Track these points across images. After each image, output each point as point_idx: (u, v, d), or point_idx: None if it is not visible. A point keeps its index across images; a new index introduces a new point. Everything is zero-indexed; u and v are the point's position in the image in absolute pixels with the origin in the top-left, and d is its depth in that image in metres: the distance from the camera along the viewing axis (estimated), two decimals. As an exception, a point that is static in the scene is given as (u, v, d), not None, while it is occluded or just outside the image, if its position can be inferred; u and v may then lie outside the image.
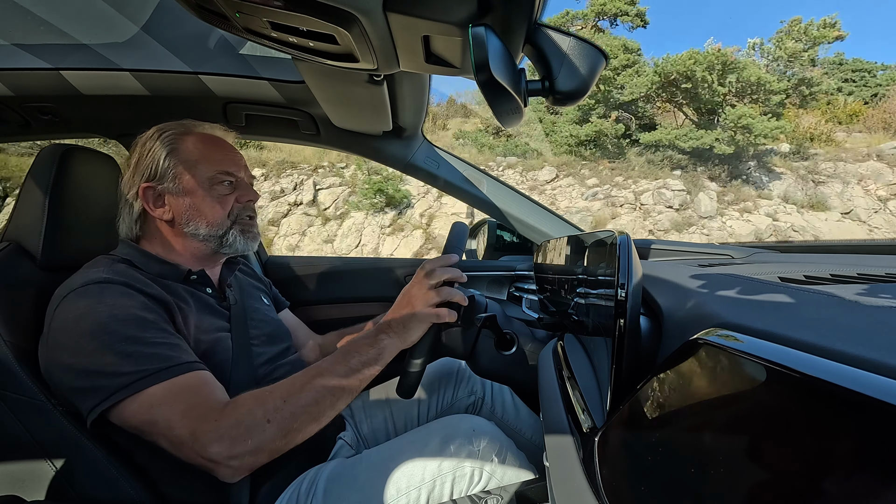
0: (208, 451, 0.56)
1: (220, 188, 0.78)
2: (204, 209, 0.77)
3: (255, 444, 0.57)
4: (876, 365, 0.22)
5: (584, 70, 0.42)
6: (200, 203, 0.77)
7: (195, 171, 0.76)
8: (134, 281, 0.67)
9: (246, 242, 0.82)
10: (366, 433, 0.93)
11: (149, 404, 0.58)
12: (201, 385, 0.62)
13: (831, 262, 0.67)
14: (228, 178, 0.79)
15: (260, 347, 0.81)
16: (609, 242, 0.54)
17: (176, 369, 0.60)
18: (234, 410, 0.58)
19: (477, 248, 1.71)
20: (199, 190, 0.76)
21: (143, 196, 0.75)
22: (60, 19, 0.76)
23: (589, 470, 0.41)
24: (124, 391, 0.57)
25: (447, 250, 0.79)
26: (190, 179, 0.76)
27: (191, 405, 0.58)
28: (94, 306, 0.62)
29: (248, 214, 0.83)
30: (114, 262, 0.71)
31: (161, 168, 0.75)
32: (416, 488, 0.67)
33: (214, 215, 0.78)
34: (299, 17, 0.42)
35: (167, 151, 0.76)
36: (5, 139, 1.14)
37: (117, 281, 0.65)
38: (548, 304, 0.99)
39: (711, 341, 0.31)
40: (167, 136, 0.77)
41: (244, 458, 0.57)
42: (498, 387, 1.01)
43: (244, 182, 0.83)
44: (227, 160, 0.80)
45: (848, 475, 0.20)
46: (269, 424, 0.58)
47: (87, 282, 0.64)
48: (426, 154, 1.21)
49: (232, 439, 0.56)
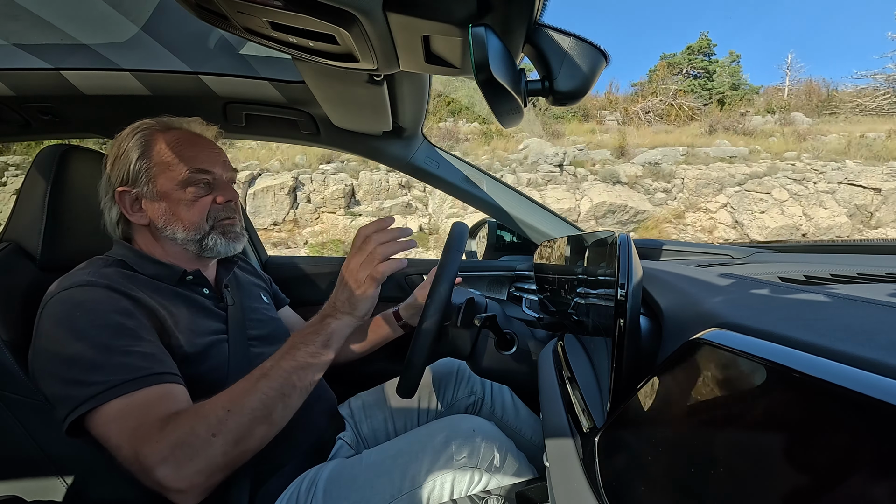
0: (154, 475, 0.51)
1: (196, 189, 0.74)
2: (179, 213, 0.73)
3: (202, 463, 0.53)
4: (876, 365, 0.22)
5: (585, 70, 0.42)
6: (175, 207, 0.73)
7: (168, 174, 0.72)
8: (118, 284, 0.65)
9: (228, 244, 0.78)
10: (366, 433, 0.93)
11: (105, 420, 0.55)
12: (158, 400, 0.57)
13: (831, 262, 0.67)
14: (204, 177, 0.75)
15: (259, 348, 0.80)
16: (609, 242, 0.54)
17: (141, 381, 0.57)
18: (174, 430, 0.53)
19: (477, 248, 1.71)
20: (172, 193, 0.72)
21: (120, 201, 0.73)
22: (60, 19, 0.75)
23: (589, 470, 0.41)
24: (90, 402, 0.55)
25: (447, 251, 0.78)
26: (163, 182, 0.72)
27: (139, 424, 0.54)
28: (72, 311, 0.60)
29: (228, 215, 0.78)
30: (105, 263, 0.70)
31: (133, 171, 0.72)
32: (416, 488, 0.67)
33: (191, 219, 0.74)
34: (299, 17, 0.42)
35: (139, 153, 0.72)
36: (5, 139, 1.14)
37: (100, 284, 0.63)
38: (548, 304, 0.99)
39: (711, 341, 0.31)
40: (139, 135, 0.73)
41: (194, 479, 0.53)
42: (498, 387, 1.01)
43: (222, 180, 0.78)
44: (203, 158, 0.75)
45: (848, 475, 0.20)
46: (216, 438, 0.54)
47: (71, 285, 0.63)
48: (426, 154, 1.21)
49: (177, 461, 0.52)
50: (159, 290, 0.71)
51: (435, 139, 5.03)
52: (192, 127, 0.78)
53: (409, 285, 1.38)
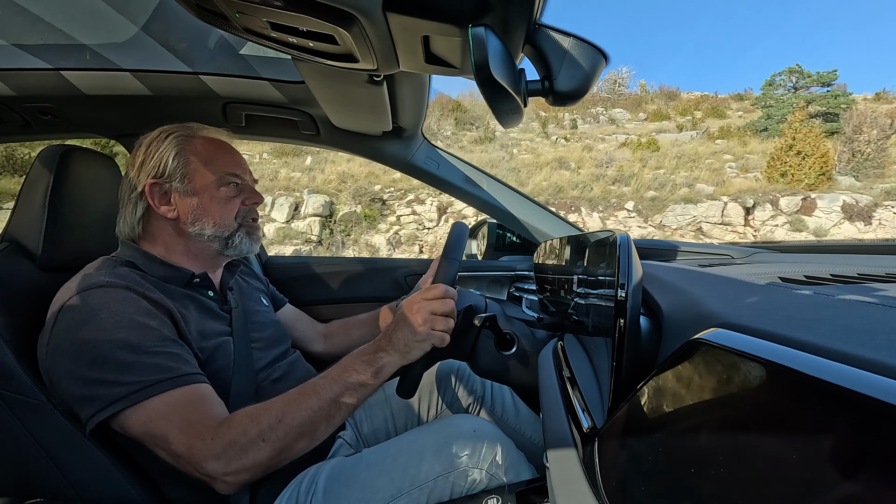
0: (205, 468, 0.57)
1: (228, 190, 0.79)
2: (212, 210, 0.77)
3: (249, 462, 0.58)
4: (876, 365, 0.22)
5: (585, 70, 0.42)
6: (208, 204, 0.77)
7: (204, 172, 0.77)
8: (136, 285, 0.66)
9: (251, 244, 0.83)
10: (366, 432, 0.93)
11: (147, 417, 0.59)
12: (200, 399, 0.62)
13: (831, 263, 0.67)
14: (235, 180, 0.80)
15: (260, 352, 0.81)
16: (609, 242, 0.54)
17: (175, 381, 0.60)
18: (229, 430, 0.59)
19: (477, 249, 1.71)
20: (207, 190, 0.77)
21: (149, 193, 0.75)
22: (60, 19, 0.75)
23: (589, 470, 0.41)
24: (122, 402, 0.58)
25: (447, 251, 0.78)
26: (199, 179, 0.76)
27: (188, 421, 0.59)
28: (95, 312, 0.61)
29: (253, 217, 0.84)
30: (116, 264, 0.71)
31: (170, 167, 0.75)
32: (416, 488, 0.67)
33: (222, 216, 0.78)
34: (299, 17, 0.42)
35: (176, 151, 0.76)
36: (5, 139, 1.14)
37: (119, 285, 0.65)
38: (548, 304, 0.99)
39: (711, 341, 0.31)
40: (175, 136, 0.77)
41: (239, 475, 0.59)
42: (498, 387, 1.01)
43: (249, 185, 0.83)
44: (234, 163, 0.81)
45: (848, 475, 0.20)
46: (264, 444, 0.59)
47: (90, 285, 0.64)
48: (426, 154, 1.21)
49: (228, 458, 0.58)
50: (169, 291, 0.72)
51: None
52: (219, 135, 0.84)
53: (409, 285, 1.38)
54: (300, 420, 0.61)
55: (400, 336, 0.68)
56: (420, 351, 0.69)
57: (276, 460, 0.60)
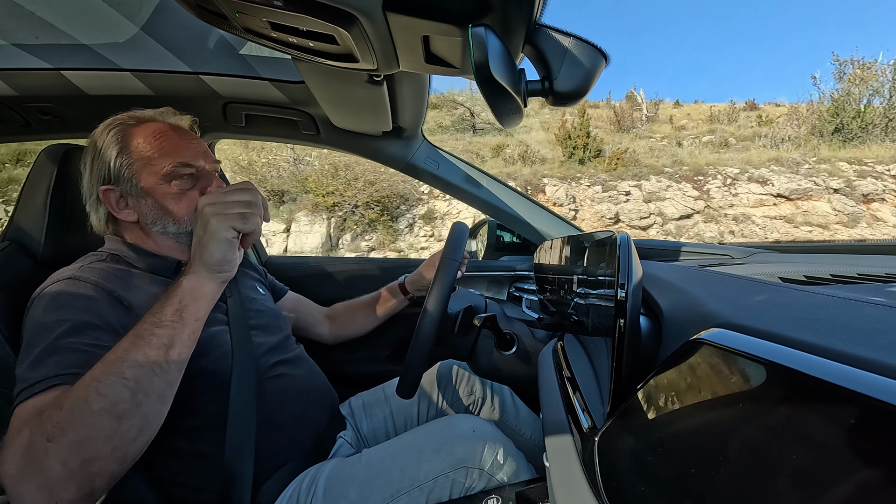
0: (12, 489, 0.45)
1: (180, 183, 0.72)
2: (168, 207, 0.72)
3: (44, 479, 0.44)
4: (876, 365, 0.22)
5: (585, 70, 0.42)
6: (163, 201, 0.71)
7: (150, 169, 0.70)
8: (108, 281, 0.64)
9: None
10: (366, 432, 0.93)
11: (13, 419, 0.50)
12: (45, 402, 0.50)
13: (831, 263, 0.67)
14: (186, 170, 0.72)
15: (260, 337, 0.79)
16: (609, 242, 0.54)
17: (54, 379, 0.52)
18: (12, 438, 0.47)
19: (477, 249, 1.71)
20: (158, 188, 0.71)
21: (104, 200, 0.71)
22: (60, 19, 0.75)
23: (589, 470, 0.41)
24: (18, 397, 0.52)
25: (447, 251, 0.78)
26: (146, 178, 0.70)
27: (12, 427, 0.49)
28: (48, 301, 0.60)
29: None
30: (100, 258, 0.69)
31: (114, 169, 0.70)
32: (416, 488, 0.67)
33: (180, 213, 0.72)
34: (299, 17, 0.42)
35: (118, 149, 0.70)
36: (5, 139, 1.14)
37: (86, 279, 0.63)
38: (548, 304, 0.99)
39: (711, 341, 0.31)
40: (115, 132, 0.72)
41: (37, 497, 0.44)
42: (498, 387, 1.01)
43: (206, 171, 0.75)
44: (183, 150, 0.73)
45: (848, 475, 0.20)
46: (51, 444, 0.45)
47: (60, 277, 0.63)
48: (426, 154, 1.21)
49: (18, 471, 0.45)
50: (156, 282, 0.70)
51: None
52: (166, 118, 0.77)
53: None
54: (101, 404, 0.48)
55: (194, 244, 0.62)
56: (217, 241, 0.60)
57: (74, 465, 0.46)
